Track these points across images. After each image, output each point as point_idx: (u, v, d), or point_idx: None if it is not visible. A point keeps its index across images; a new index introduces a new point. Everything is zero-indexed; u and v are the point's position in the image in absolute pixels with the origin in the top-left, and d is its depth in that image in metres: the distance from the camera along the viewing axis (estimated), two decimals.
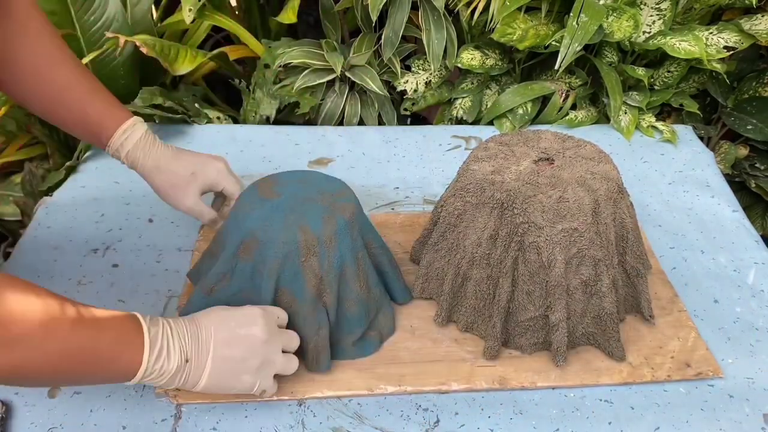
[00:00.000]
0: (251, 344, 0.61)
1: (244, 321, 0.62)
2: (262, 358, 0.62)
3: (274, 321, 0.65)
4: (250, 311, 0.63)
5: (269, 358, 0.63)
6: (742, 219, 0.98)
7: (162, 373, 0.57)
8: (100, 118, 0.75)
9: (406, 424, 0.67)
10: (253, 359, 0.61)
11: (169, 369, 0.57)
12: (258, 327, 0.62)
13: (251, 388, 0.62)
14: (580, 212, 0.68)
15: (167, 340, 0.57)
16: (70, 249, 0.87)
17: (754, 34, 1.12)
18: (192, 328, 0.59)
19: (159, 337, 0.57)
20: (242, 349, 0.61)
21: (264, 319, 0.63)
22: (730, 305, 0.83)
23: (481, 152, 0.77)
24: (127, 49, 1.17)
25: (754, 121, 1.24)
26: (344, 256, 0.68)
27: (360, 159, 1.09)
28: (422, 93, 1.25)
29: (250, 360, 0.61)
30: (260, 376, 0.62)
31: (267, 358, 0.62)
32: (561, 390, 0.72)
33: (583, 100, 1.22)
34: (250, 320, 0.62)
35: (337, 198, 0.72)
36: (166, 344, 0.57)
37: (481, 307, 0.75)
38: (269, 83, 1.23)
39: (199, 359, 0.59)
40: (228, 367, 0.60)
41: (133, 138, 0.76)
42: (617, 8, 1.12)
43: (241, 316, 0.62)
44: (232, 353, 0.60)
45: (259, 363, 0.62)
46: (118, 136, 0.76)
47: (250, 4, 1.47)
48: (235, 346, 0.60)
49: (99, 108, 0.75)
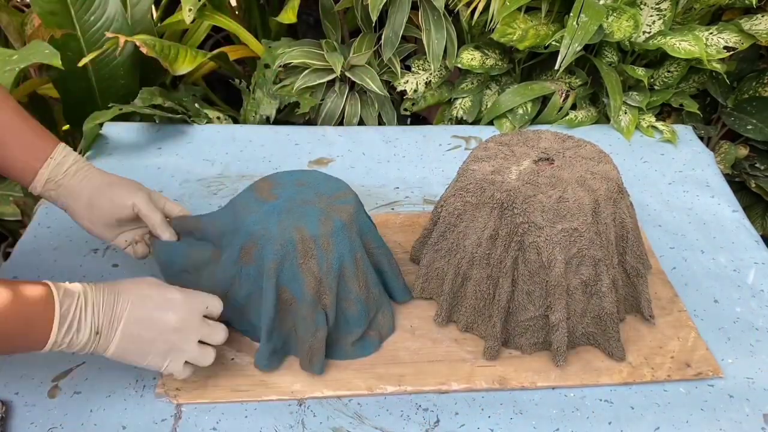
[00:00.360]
0: (161, 329, 0.61)
1: (161, 304, 0.62)
2: (170, 345, 0.62)
3: (198, 311, 0.65)
4: (172, 295, 0.63)
5: (179, 346, 0.63)
6: (742, 219, 0.98)
7: (71, 344, 0.58)
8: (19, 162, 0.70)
9: (406, 424, 0.67)
10: (160, 343, 0.62)
11: (79, 341, 0.58)
12: (173, 314, 0.62)
13: (158, 369, 0.63)
14: (580, 212, 0.68)
15: (79, 313, 0.58)
16: (70, 249, 0.87)
17: (754, 34, 1.12)
18: (109, 298, 0.60)
19: (71, 310, 0.57)
20: (151, 332, 0.61)
21: (183, 308, 0.63)
22: (730, 305, 0.83)
23: (481, 152, 0.77)
24: (127, 49, 1.17)
25: (754, 121, 1.24)
26: (343, 256, 0.69)
27: (360, 159, 1.09)
28: (422, 93, 1.25)
29: (158, 343, 0.62)
30: (168, 359, 0.63)
31: (176, 345, 0.63)
32: (561, 390, 0.72)
33: (583, 100, 1.22)
34: (168, 305, 0.62)
35: (335, 200, 0.72)
36: (78, 317, 0.58)
37: (481, 307, 0.75)
38: (269, 83, 1.23)
39: (108, 331, 0.59)
40: (135, 345, 0.61)
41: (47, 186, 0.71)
42: (617, 8, 1.12)
43: (161, 298, 0.63)
44: (140, 333, 0.61)
45: (167, 348, 0.62)
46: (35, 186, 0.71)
47: (250, 4, 1.47)
48: (145, 327, 0.61)
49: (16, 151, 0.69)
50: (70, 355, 0.72)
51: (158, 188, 1.00)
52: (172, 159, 1.07)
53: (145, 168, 1.05)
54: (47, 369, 0.71)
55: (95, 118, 1.07)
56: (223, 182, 1.02)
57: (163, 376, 0.70)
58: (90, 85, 1.19)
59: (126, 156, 1.07)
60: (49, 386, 0.69)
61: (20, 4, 1.50)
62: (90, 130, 1.07)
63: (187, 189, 1.00)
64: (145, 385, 0.70)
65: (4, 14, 1.26)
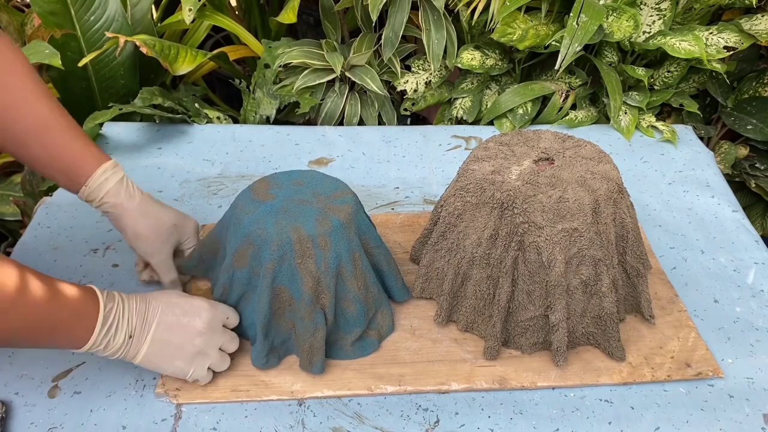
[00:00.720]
0: (190, 334, 0.65)
1: (189, 310, 0.65)
2: (197, 349, 0.65)
3: (220, 319, 0.68)
4: (199, 303, 0.67)
5: (204, 351, 0.66)
6: (742, 219, 0.98)
7: (108, 346, 0.60)
8: (78, 157, 0.71)
9: (406, 424, 0.67)
10: (188, 348, 0.65)
11: (115, 343, 0.60)
12: (200, 320, 0.65)
13: (184, 375, 0.66)
14: (580, 212, 0.68)
15: (119, 316, 0.61)
16: (70, 249, 0.87)
17: (754, 34, 1.12)
18: (141, 306, 0.63)
19: (113, 312, 0.60)
20: (180, 337, 0.64)
21: (208, 314, 0.66)
22: (730, 305, 0.83)
23: (481, 152, 0.77)
24: (127, 49, 1.17)
25: (754, 121, 1.24)
26: (340, 256, 0.69)
27: (360, 159, 1.09)
28: (422, 93, 1.25)
29: (186, 348, 0.64)
30: (194, 365, 0.66)
31: (202, 350, 0.66)
32: (561, 390, 0.72)
33: (583, 100, 1.22)
34: (195, 311, 0.66)
35: (333, 199, 0.72)
36: (117, 320, 0.60)
37: (481, 307, 0.75)
38: (269, 83, 1.23)
39: (140, 337, 0.62)
40: (164, 350, 0.64)
41: (114, 179, 0.73)
42: (617, 8, 1.12)
43: (189, 305, 0.66)
44: (170, 338, 0.64)
45: (194, 353, 0.65)
46: (97, 177, 0.72)
47: (250, 4, 1.47)
48: (174, 332, 0.64)
49: (77, 147, 0.71)
50: (70, 354, 0.72)
51: (158, 188, 1.00)
52: (172, 159, 1.07)
53: (145, 168, 1.05)
54: (47, 369, 0.71)
55: (95, 118, 1.07)
56: (223, 182, 1.02)
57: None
58: (90, 85, 1.20)
59: (126, 156, 1.07)
60: (49, 386, 0.69)
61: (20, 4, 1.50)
62: (90, 130, 1.07)
63: (187, 189, 1.00)
64: (145, 385, 0.70)
65: (4, 14, 1.26)
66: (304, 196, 0.72)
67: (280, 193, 0.72)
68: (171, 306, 0.65)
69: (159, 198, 0.81)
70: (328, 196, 0.72)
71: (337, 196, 0.73)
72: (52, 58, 0.99)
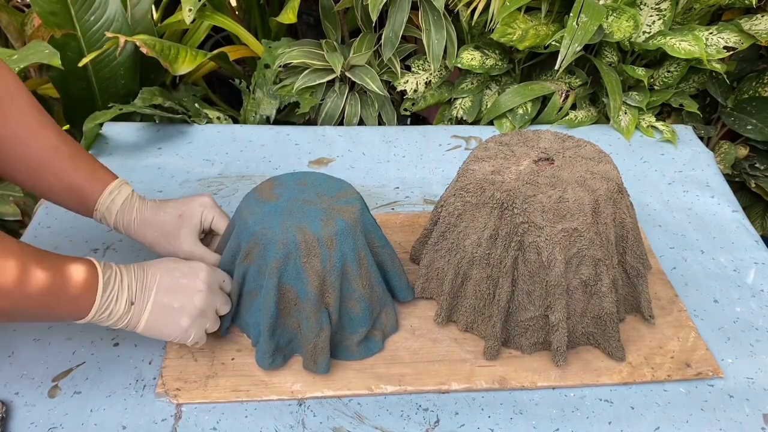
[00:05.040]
0: (190, 294, 0.65)
1: (188, 272, 0.66)
2: (197, 309, 0.65)
3: (218, 281, 0.69)
4: (196, 265, 0.67)
5: (204, 311, 0.66)
6: (742, 219, 0.98)
7: (111, 314, 0.61)
8: (87, 183, 0.72)
9: (406, 424, 0.67)
10: (189, 308, 0.65)
11: (117, 310, 0.61)
12: (199, 280, 0.66)
13: (187, 338, 0.66)
14: (580, 212, 0.68)
15: (118, 283, 0.62)
16: (70, 249, 0.87)
17: (754, 34, 1.12)
18: (139, 273, 0.64)
19: (111, 280, 0.61)
20: (181, 298, 0.65)
21: (207, 274, 0.67)
22: (730, 305, 0.83)
23: (481, 152, 0.77)
24: (127, 49, 1.17)
25: (754, 121, 1.24)
26: (346, 255, 0.69)
27: (360, 159, 1.09)
28: (422, 93, 1.25)
29: (187, 308, 0.65)
30: (195, 326, 0.66)
31: (203, 309, 0.66)
32: (561, 390, 0.72)
33: (583, 100, 1.22)
34: (194, 273, 0.66)
35: (338, 200, 0.72)
36: (117, 287, 0.61)
37: (481, 307, 0.75)
38: (269, 83, 1.23)
39: (141, 302, 0.63)
40: (166, 313, 0.64)
41: (119, 199, 0.73)
42: (617, 8, 1.12)
43: (187, 267, 0.67)
44: (171, 301, 0.64)
45: (196, 313, 0.65)
46: (104, 200, 0.73)
47: (250, 4, 1.47)
48: (174, 294, 0.64)
49: (84, 172, 0.72)
50: (70, 354, 0.72)
51: (158, 188, 1.00)
52: (172, 159, 1.07)
53: (145, 168, 1.05)
54: (47, 369, 0.71)
55: (95, 118, 1.07)
56: (223, 182, 1.02)
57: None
58: (90, 85, 1.20)
59: (126, 156, 1.07)
60: (49, 386, 0.69)
61: (20, 4, 1.50)
62: (90, 130, 1.07)
63: (187, 189, 1.00)
64: (145, 385, 0.70)
65: (4, 14, 1.26)
66: (308, 196, 0.72)
67: (284, 194, 0.72)
68: (169, 270, 0.65)
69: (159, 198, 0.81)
70: (332, 196, 0.73)
71: (341, 197, 0.73)
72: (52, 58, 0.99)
